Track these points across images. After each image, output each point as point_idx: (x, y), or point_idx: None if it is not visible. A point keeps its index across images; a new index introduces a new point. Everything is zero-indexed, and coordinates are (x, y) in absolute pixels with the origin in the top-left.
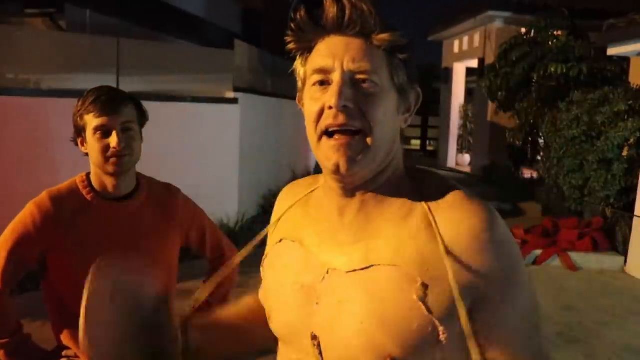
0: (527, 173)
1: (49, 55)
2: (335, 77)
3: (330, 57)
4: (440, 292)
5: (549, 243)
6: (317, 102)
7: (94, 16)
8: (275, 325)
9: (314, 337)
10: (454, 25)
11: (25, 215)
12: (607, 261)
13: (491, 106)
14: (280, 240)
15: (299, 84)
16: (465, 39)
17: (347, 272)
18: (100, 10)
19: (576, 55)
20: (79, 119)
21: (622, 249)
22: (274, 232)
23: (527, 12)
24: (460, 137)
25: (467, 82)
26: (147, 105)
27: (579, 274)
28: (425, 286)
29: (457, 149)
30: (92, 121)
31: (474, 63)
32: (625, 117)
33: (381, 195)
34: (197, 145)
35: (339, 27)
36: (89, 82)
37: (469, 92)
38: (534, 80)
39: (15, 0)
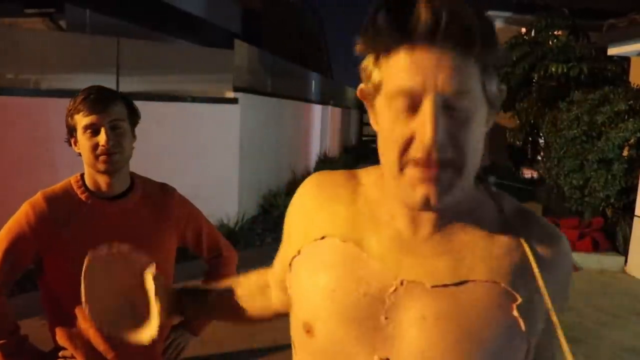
0: (527, 173)
1: (49, 55)
2: (427, 105)
3: (419, 75)
4: (533, 311)
5: None
6: (403, 128)
7: (94, 16)
8: (322, 338)
9: None
10: None
11: (20, 215)
12: (608, 261)
13: None
14: (323, 237)
15: (369, 84)
16: None
17: (433, 286)
18: (100, 10)
19: (576, 55)
20: (69, 119)
21: (622, 249)
22: (304, 228)
23: (527, 12)
24: None
25: None
26: (147, 105)
27: (579, 274)
28: (520, 306)
29: None
30: (81, 120)
31: None
32: (626, 117)
33: (463, 207)
34: (197, 145)
35: (431, 38)
36: (89, 82)
37: None
38: (534, 80)
39: (15, 0)
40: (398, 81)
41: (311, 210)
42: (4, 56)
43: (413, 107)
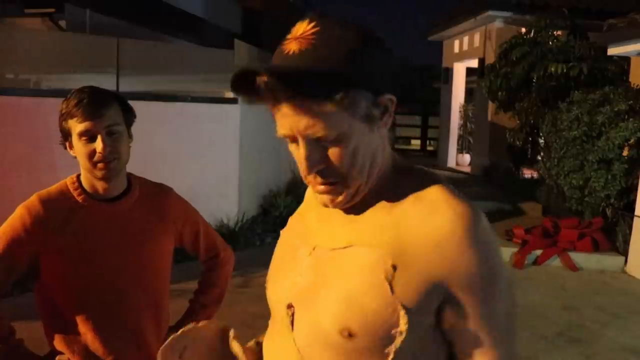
0: (527, 173)
1: (49, 55)
2: (301, 143)
3: (286, 128)
4: (411, 279)
5: (549, 243)
6: (295, 155)
7: (94, 16)
8: (268, 292)
9: (289, 306)
10: (454, 25)
11: (15, 219)
12: (608, 261)
13: (491, 106)
14: (290, 219)
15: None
16: (465, 39)
17: (331, 249)
18: (100, 10)
19: (576, 55)
20: (63, 122)
21: (622, 249)
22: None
23: (527, 12)
24: (460, 137)
25: (467, 82)
26: (147, 105)
27: (579, 274)
28: (394, 268)
29: (457, 149)
30: (76, 126)
31: (474, 63)
32: (626, 117)
33: (375, 188)
34: (197, 145)
35: (278, 100)
36: (89, 82)
37: (469, 92)
38: (534, 80)
39: (15, 0)
40: (278, 130)
41: (306, 197)
42: (4, 56)
43: (294, 141)
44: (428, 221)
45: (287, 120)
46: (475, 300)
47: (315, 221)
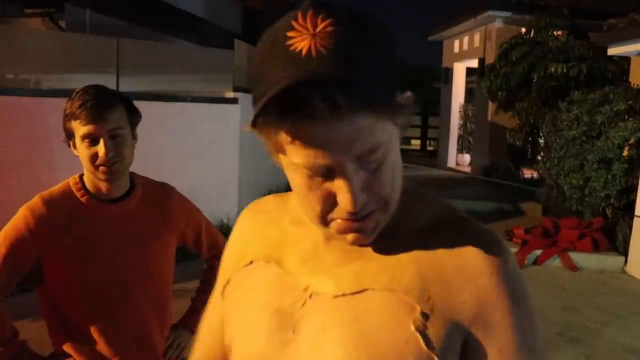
0: (527, 173)
1: (49, 55)
2: (341, 172)
3: (328, 155)
4: (440, 326)
5: (549, 243)
6: (320, 191)
7: (94, 16)
8: (237, 358)
9: None
10: (454, 25)
11: (19, 220)
12: (608, 261)
13: (491, 106)
14: (251, 262)
15: (269, 145)
16: (465, 39)
17: (335, 296)
18: (100, 10)
19: (576, 55)
20: (67, 122)
21: (622, 249)
22: (237, 255)
23: (527, 12)
24: (460, 137)
25: (467, 82)
26: (147, 105)
27: (579, 274)
28: (425, 316)
29: (457, 149)
30: (79, 128)
31: (474, 63)
32: (626, 117)
33: None
34: (197, 145)
35: (332, 115)
36: (89, 82)
37: (469, 92)
38: (534, 80)
39: (15, 0)
40: (302, 159)
41: (245, 239)
42: (4, 56)
43: (326, 172)
44: (453, 256)
45: (330, 142)
46: (505, 340)
47: (297, 263)
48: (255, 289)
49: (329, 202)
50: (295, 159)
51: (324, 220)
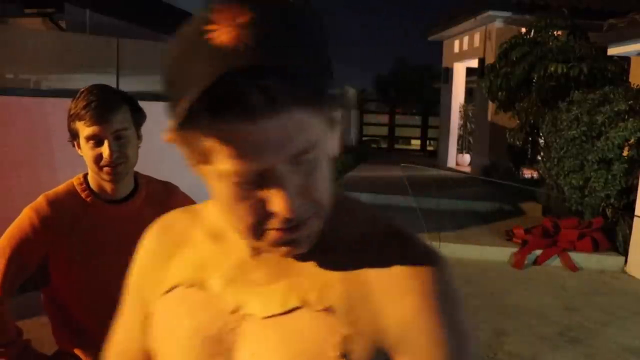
0: (527, 173)
1: (49, 55)
2: (273, 175)
3: (263, 152)
4: (367, 347)
5: (549, 243)
6: (249, 200)
7: (94, 16)
8: None
9: None
10: (454, 25)
11: (23, 221)
12: (608, 261)
13: (491, 106)
14: (171, 289)
15: (191, 156)
16: (465, 39)
17: (264, 317)
18: (100, 10)
19: (576, 55)
20: (71, 123)
21: (622, 249)
22: (153, 282)
23: (527, 12)
24: (460, 137)
25: (467, 82)
26: (147, 105)
27: (579, 274)
28: (350, 339)
29: (457, 149)
30: (83, 129)
31: (474, 63)
32: (626, 117)
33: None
34: None
35: (262, 113)
36: (89, 82)
37: (469, 92)
38: (534, 80)
39: (14, 0)
40: (230, 165)
41: (159, 264)
42: (4, 56)
43: (255, 178)
44: (381, 275)
45: (263, 144)
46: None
47: (223, 284)
48: (180, 317)
49: (261, 212)
50: (223, 166)
51: (256, 233)
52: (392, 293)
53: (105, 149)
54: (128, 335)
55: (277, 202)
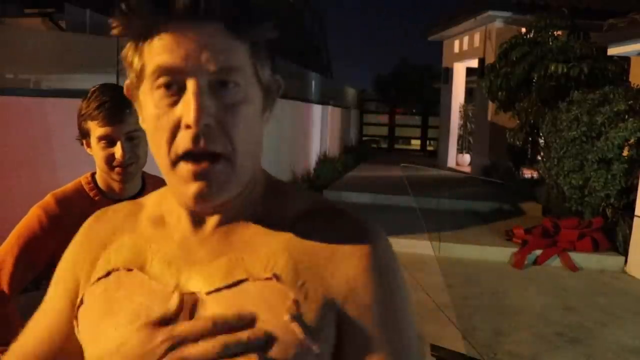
0: (527, 173)
1: (49, 55)
2: (191, 84)
3: (180, 53)
4: (316, 308)
5: (549, 243)
6: (166, 116)
7: (94, 16)
8: None
9: None
10: (454, 25)
11: (32, 219)
12: (608, 261)
13: (491, 106)
14: (108, 274)
15: (131, 75)
16: (465, 39)
17: (207, 292)
18: (100, 10)
19: (576, 55)
20: (83, 123)
21: (622, 249)
22: (87, 269)
23: (527, 12)
24: (460, 137)
25: (467, 82)
26: None
27: (579, 274)
28: (298, 302)
29: (457, 149)
30: (95, 129)
31: (474, 63)
32: (626, 117)
33: (246, 205)
34: None
35: (192, 15)
36: (89, 82)
37: (469, 92)
38: (534, 80)
39: (15, 0)
40: (158, 60)
41: (93, 249)
42: (4, 56)
43: (177, 91)
44: (324, 243)
45: (185, 44)
46: (371, 325)
47: (163, 266)
48: (119, 301)
49: (175, 130)
50: (150, 67)
51: (169, 156)
52: (336, 258)
53: (117, 150)
54: (48, 326)
55: (187, 113)
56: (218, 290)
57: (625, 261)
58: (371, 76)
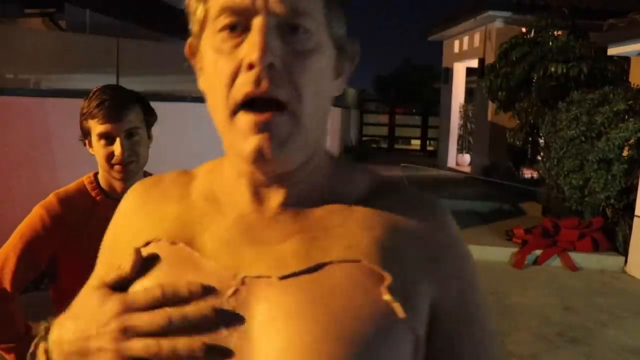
0: (527, 173)
1: (49, 55)
2: (258, 21)
3: None
4: (410, 287)
5: (549, 243)
6: (227, 59)
7: (94, 16)
8: None
9: None
10: (454, 25)
11: (34, 219)
12: (608, 261)
13: (491, 106)
14: (147, 244)
15: (194, 27)
16: (465, 39)
17: (281, 277)
18: (100, 10)
19: (576, 55)
20: (84, 122)
21: (622, 249)
22: (127, 240)
23: (527, 12)
24: (460, 137)
25: (467, 82)
26: None
27: (579, 274)
28: (395, 283)
29: (457, 149)
30: (95, 127)
31: (474, 63)
32: (626, 117)
33: (314, 181)
34: (197, 145)
35: None
36: (89, 82)
37: (469, 92)
38: (534, 80)
39: (15, 0)
40: (223, 1)
41: (137, 220)
42: (4, 56)
43: (241, 32)
44: (404, 219)
45: None
46: (463, 299)
47: (217, 243)
48: (159, 276)
49: (236, 73)
50: (213, 10)
51: (228, 104)
52: (420, 234)
53: (117, 147)
54: None
55: (251, 51)
56: (295, 274)
57: (625, 261)
58: (371, 76)
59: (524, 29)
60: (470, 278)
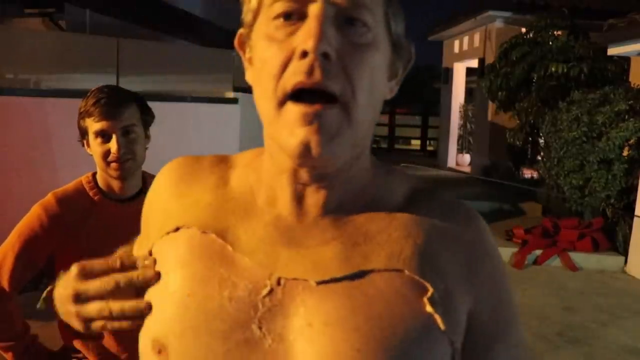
0: (527, 173)
1: (49, 55)
2: (315, 8)
3: None
4: (452, 299)
5: (549, 243)
6: (279, 47)
7: (94, 16)
8: (177, 358)
9: None
10: (454, 25)
11: (32, 218)
12: (608, 261)
13: (491, 106)
14: (177, 229)
15: (247, 17)
16: (465, 39)
17: (319, 282)
18: (100, 10)
19: (576, 55)
20: (81, 121)
21: (622, 249)
22: (161, 220)
23: (527, 11)
24: (460, 137)
25: (467, 82)
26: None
27: (579, 274)
28: (437, 295)
29: (457, 149)
30: (92, 125)
31: (474, 63)
32: (626, 117)
33: (355, 185)
34: (197, 145)
35: None
36: (89, 82)
37: (469, 92)
38: (534, 80)
39: (15, 0)
40: None
41: (168, 199)
42: (4, 56)
43: (296, 20)
44: (443, 227)
45: None
46: (497, 302)
47: (252, 238)
48: (188, 265)
49: (287, 62)
50: (269, 7)
51: (276, 94)
52: (459, 243)
53: (113, 144)
54: None
55: (306, 38)
56: (335, 280)
57: (625, 261)
58: None
59: (524, 29)
60: (505, 288)
